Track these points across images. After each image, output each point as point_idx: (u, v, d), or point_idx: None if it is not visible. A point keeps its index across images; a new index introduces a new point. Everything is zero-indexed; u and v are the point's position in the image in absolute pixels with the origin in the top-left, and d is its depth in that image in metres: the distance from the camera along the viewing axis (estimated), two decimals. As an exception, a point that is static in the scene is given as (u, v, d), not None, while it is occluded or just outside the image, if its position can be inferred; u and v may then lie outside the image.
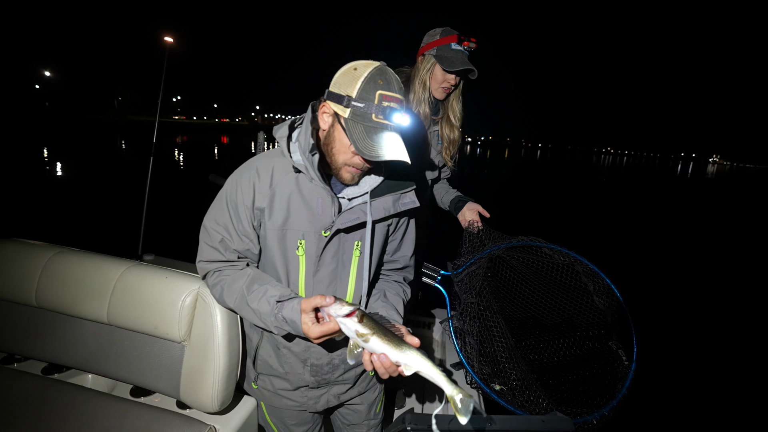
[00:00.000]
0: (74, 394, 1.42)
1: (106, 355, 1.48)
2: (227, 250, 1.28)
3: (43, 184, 12.30)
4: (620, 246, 9.66)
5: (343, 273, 1.33)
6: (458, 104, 2.07)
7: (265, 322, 1.21)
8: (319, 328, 1.10)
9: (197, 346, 1.40)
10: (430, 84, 1.96)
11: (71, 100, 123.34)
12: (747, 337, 5.31)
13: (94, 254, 1.54)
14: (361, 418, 1.62)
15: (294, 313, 1.15)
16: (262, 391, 1.49)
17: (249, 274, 1.28)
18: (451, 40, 1.89)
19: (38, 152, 20.71)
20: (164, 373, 1.44)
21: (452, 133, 2.10)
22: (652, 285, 6.43)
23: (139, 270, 1.46)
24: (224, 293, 1.27)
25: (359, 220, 1.25)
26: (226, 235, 1.27)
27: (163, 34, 3.59)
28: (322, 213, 1.25)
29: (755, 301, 6.70)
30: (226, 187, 1.28)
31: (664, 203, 20.17)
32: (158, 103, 3.54)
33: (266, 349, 1.42)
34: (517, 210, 13.52)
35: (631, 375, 1.56)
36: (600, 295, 1.70)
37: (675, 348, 4.71)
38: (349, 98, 1.10)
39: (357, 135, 1.10)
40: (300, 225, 1.25)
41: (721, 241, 11.49)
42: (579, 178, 32.41)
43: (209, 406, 1.39)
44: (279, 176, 1.25)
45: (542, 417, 1.35)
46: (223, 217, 1.27)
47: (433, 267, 1.97)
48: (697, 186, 35.92)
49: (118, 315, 1.42)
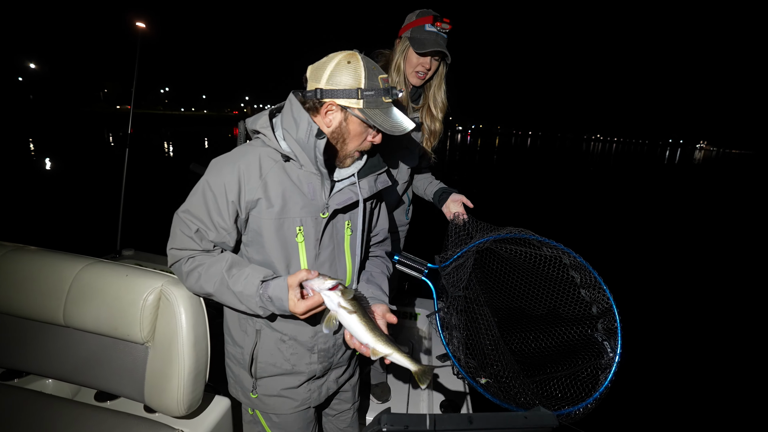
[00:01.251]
0: (33, 400, 1.35)
1: (66, 358, 1.39)
2: (203, 240, 1.25)
3: (22, 177, 11.97)
4: (608, 237, 9.71)
5: (340, 253, 1.38)
6: (440, 93, 1.97)
7: (248, 304, 1.20)
8: (305, 303, 1.14)
9: (161, 347, 1.32)
10: (404, 68, 1.87)
11: (56, 93, 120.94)
12: (733, 327, 5.35)
13: (50, 252, 1.44)
14: (349, 402, 1.67)
15: (280, 290, 1.16)
16: (263, 399, 1.41)
17: (227, 259, 1.24)
18: (426, 21, 1.80)
19: (19, 146, 20.23)
20: (127, 377, 1.36)
21: (433, 124, 2.01)
22: (640, 276, 6.42)
23: (97, 268, 1.37)
24: (202, 278, 1.23)
25: (352, 199, 1.31)
26: (203, 227, 1.24)
27: (134, 20, 3.43)
28: (313, 197, 1.27)
29: (743, 290, 6.75)
30: (207, 178, 1.23)
31: (652, 191, 20.30)
32: (132, 92, 3.40)
33: (267, 349, 1.36)
34: (506, 200, 13.53)
35: (615, 366, 1.54)
36: (586, 287, 1.69)
37: (661, 339, 4.72)
38: (360, 90, 1.18)
39: (379, 119, 1.20)
40: (296, 212, 1.26)
41: (708, 229, 11.61)
42: (567, 166, 32.51)
43: (175, 409, 1.32)
44: (267, 166, 1.24)
45: (525, 413, 1.30)
46: (202, 209, 1.23)
47: (419, 260, 1.92)
48: (685, 172, 36.25)
49: (75, 316, 1.33)
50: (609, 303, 1.61)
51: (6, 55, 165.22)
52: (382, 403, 2.28)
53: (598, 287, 1.64)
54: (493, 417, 1.34)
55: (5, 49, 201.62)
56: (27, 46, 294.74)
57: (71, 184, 11.69)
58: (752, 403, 3.85)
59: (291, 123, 1.24)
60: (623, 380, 1.54)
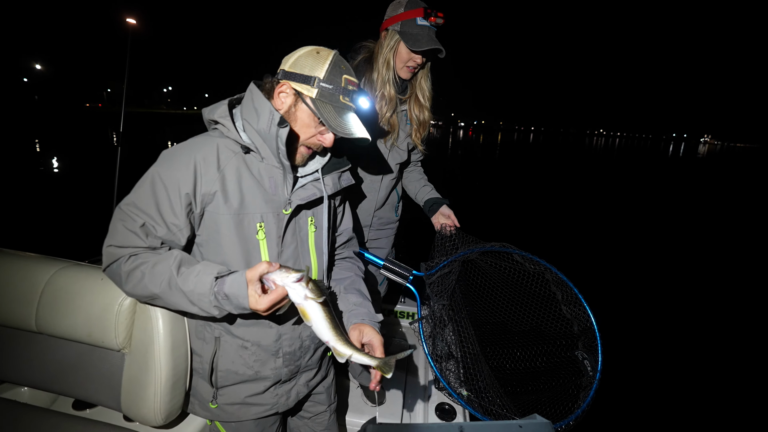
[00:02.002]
0: (8, 410, 1.29)
1: (41, 366, 1.33)
2: (149, 236, 1.13)
3: (18, 178, 11.89)
4: (606, 239, 9.58)
5: (304, 250, 1.31)
6: (427, 83, 1.91)
7: (201, 304, 1.09)
8: (268, 297, 1.04)
9: (137, 353, 1.25)
10: (394, 63, 1.79)
11: (61, 93, 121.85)
12: (730, 332, 5.22)
13: (22, 254, 1.38)
14: (324, 404, 1.60)
15: (238, 286, 1.06)
16: (224, 408, 1.32)
17: (175, 256, 1.12)
18: (417, 15, 1.71)
19: (21, 146, 20.24)
20: (105, 385, 1.30)
21: (422, 114, 1.94)
22: (625, 292, 6.28)
23: (72, 271, 1.30)
24: (146, 278, 1.09)
25: (315, 195, 1.27)
26: (150, 221, 1.12)
27: (125, 16, 3.38)
28: (275, 192, 1.22)
29: (740, 293, 6.61)
30: (157, 169, 1.13)
31: (653, 187, 20.11)
32: (123, 90, 3.32)
33: (228, 356, 1.28)
34: (502, 201, 13.45)
35: (595, 384, 1.54)
36: (568, 304, 1.71)
37: (642, 357, 4.59)
38: (317, 79, 1.14)
39: (328, 114, 1.14)
40: (256, 207, 1.20)
41: (710, 228, 11.41)
42: (568, 163, 32.33)
43: (152, 419, 1.26)
44: (225, 157, 1.17)
45: (520, 421, 1.24)
46: (150, 202, 1.12)
47: (405, 266, 1.90)
48: (688, 167, 35.95)
49: (47, 322, 1.26)
50: (589, 321, 1.62)
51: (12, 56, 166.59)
52: (376, 406, 2.22)
53: (579, 304, 1.66)
54: (487, 426, 1.28)
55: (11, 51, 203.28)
56: (32, 47, 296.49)
57: (69, 184, 11.65)
58: (739, 409, 3.79)
59: (252, 113, 1.17)
60: (607, 393, 1.57)
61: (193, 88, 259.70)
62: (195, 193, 1.14)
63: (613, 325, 1.70)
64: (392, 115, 1.89)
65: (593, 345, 1.58)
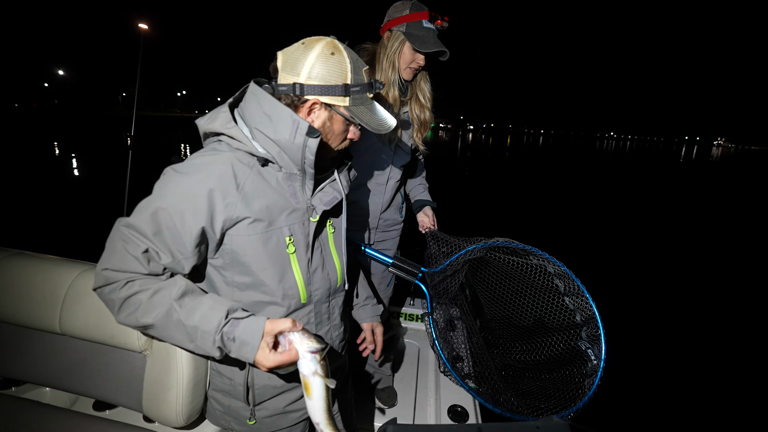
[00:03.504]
0: (30, 410, 1.31)
1: (63, 367, 1.35)
2: (152, 262, 1.01)
3: (34, 181, 12.08)
4: (612, 238, 9.58)
5: (327, 254, 1.27)
6: (427, 84, 1.94)
7: (201, 342, 0.99)
8: (279, 357, 0.98)
9: (159, 355, 1.27)
10: (399, 64, 1.81)
11: (80, 97, 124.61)
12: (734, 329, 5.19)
13: (46, 257, 1.41)
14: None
15: (252, 335, 0.98)
16: (263, 422, 1.29)
17: (180, 285, 1.02)
18: (422, 17, 1.73)
19: (40, 149, 20.59)
20: (125, 386, 1.32)
21: (423, 114, 1.97)
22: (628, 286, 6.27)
23: (94, 273, 1.33)
24: (141, 308, 0.99)
25: (337, 199, 1.21)
26: (154, 248, 1.01)
27: (137, 21, 3.45)
28: (297, 200, 1.15)
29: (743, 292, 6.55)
30: (164, 199, 1.00)
31: (664, 190, 19.90)
32: (135, 94, 3.37)
33: (263, 373, 1.21)
34: (509, 199, 13.46)
35: (600, 373, 1.57)
36: (570, 295, 1.73)
37: (647, 346, 4.61)
38: (347, 87, 1.07)
39: (365, 117, 1.11)
40: (282, 221, 1.12)
41: (719, 230, 11.31)
42: (577, 165, 32.14)
43: (174, 420, 1.27)
44: (242, 175, 1.06)
45: (537, 422, 1.24)
46: (156, 229, 1.00)
47: (412, 263, 1.92)
48: (701, 171, 35.46)
49: (71, 324, 1.29)
50: (592, 311, 1.63)
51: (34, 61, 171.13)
52: (388, 408, 2.23)
53: (581, 295, 1.67)
54: (505, 427, 1.28)
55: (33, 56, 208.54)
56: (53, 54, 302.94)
57: (84, 186, 11.84)
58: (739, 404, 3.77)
59: (264, 120, 1.05)
60: (612, 382, 1.59)
61: (205, 91, 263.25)
62: (212, 224, 1.03)
63: (616, 316, 1.74)
64: (396, 116, 1.91)
65: (596, 334, 1.60)
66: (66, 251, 1.60)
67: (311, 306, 1.25)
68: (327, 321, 1.32)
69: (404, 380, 2.43)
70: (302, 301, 1.21)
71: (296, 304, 1.20)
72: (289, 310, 1.20)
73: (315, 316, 1.27)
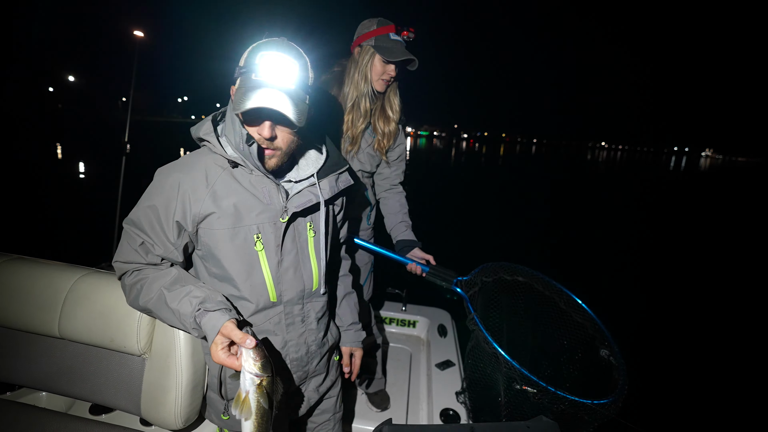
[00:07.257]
0: (27, 414, 1.32)
1: (61, 371, 1.37)
2: (148, 254, 1.17)
3: (31, 185, 11.94)
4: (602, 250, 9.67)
5: (304, 257, 1.30)
6: (396, 97, 1.99)
7: (185, 323, 1.11)
8: (225, 359, 1.02)
9: (158, 359, 1.30)
10: (371, 76, 1.88)
11: (83, 102, 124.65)
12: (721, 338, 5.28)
13: (45, 262, 1.43)
14: (329, 413, 1.58)
15: (211, 330, 1.04)
16: (235, 419, 1.34)
17: (173, 274, 1.17)
18: (389, 30, 1.82)
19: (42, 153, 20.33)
20: (123, 389, 1.33)
21: (387, 126, 2.01)
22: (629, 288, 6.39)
23: (93, 278, 1.35)
24: (141, 293, 1.14)
25: (312, 201, 1.24)
26: (148, 240, 1.16)
27: (132, 29, 3.47)
28: (270, 202, 1.21)
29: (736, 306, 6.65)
30: (152, 193, 1.16)
31: (653, 200, 20.16)
32: (129, 99, 3.36)
33: None
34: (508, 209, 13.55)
35: (623, 371, 1.62)
36: (575, 310, 1.78)
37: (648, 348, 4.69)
38: (238, 68, 1.11)
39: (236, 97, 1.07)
40: (251, 219, 1.19)
41: (713, 241, 11.46)
42: (570, 175, 32.42)
43: (173, 423, 1.29)
44: (214, 174, 1.17)
45: (527, 423, 1.28)
46: (146, 222, 1.15)
47: (446, 270, 1.97)
48: (689, 181, 35.97)
49: (70, 328, 1.30)
50: (596, 323, 1.73)
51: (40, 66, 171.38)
52: (381, 412, 2.25)
53: (581, 309, 1.79)
54: (496, 428, 1.32)
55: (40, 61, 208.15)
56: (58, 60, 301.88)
57: (83, 190, 11.74)
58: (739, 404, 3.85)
59: (229, 127, 1.16)
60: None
61: (205, 98, 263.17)
62: (185, 216, 1.15)
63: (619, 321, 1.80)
64: (364, 127, 1.97)
65: (606, 342, 1.66)
66: (66, 256, 1.62)
67: (281, 306, 1.27)
68: (301, 323, 1.32)
69: (396, 384, 2.45)
70: (272, 300, 1.24)
71: (265, 302, 1.23)
72: (258, 307, 1.23)
73: (286, 316, 1.28)
